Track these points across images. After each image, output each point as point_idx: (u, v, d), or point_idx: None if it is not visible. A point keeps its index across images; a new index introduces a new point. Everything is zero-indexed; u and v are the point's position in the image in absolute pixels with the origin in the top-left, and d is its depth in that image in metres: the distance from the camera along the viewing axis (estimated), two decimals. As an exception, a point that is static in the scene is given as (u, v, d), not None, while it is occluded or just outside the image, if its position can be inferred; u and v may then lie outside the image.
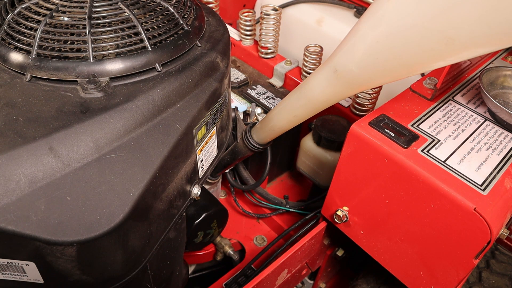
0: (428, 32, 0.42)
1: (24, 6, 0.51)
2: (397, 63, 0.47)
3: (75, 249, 0.41)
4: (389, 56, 0.46)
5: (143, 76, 0.49)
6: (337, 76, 0.53)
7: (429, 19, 0.41)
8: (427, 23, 0.41)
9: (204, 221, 0.71)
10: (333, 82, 0.54)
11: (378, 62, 0.48)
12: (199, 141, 0.55)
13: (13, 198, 0.39)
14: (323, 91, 0.57)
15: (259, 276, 0.67)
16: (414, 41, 0.43)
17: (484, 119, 0.62)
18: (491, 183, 0.51)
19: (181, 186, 0.54)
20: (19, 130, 0.42)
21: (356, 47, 0.49)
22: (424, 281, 0.59)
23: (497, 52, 0.79)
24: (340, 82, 0.54)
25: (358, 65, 0.50)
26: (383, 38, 0.46)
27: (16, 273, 0.44)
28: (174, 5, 0.55)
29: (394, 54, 0.46)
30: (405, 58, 0.46)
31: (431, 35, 0.42)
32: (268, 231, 1.00)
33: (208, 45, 0.57)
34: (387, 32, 0.45)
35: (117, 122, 0.44)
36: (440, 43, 0.41)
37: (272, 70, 0.99)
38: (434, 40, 0.42)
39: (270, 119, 0.68)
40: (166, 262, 0.60)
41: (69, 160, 0.42)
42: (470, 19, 0.38)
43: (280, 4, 1.10)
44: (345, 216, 0.65)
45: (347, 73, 0.52)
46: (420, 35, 0.42)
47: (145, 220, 0.47)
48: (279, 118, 0.67)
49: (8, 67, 0.48)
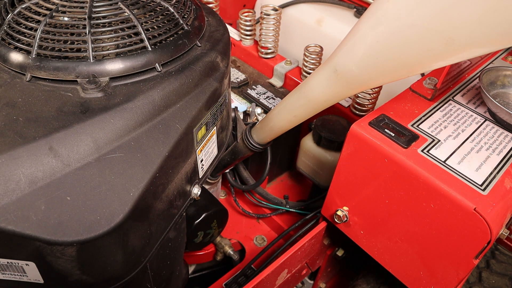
0: (428, 32, 0.42)
1: (24, 6, 0.51)
2: (397, 63, 0.47)
3: (75, 249, 0.41)
4: (389, 56, 0.46)
5: (143, 76, 0.49)
6: (337, 76, 0.53)
7: (429, 19, 0.41)
8: (427, 23, 0.41)
9: (204, 221, 0.71)
10: (333, 82, 0.54)
11: (378, 62, 0.48)
12: (199, 141, 0.55)
13: (13, 198, 0.39)
14: (323, 91, 0.57)
15: (259, 276, 0.67)
16: (414, 41, 0.43)
17: (484, 119, 0.62)
18: (491, 183, 0.52)
19: (181, 186, 0.54)
20: (19, 130, 0.42)
21: (356, 47, 0.49)
22: (424, 281, 0.59)
23: (497, 52, 0.79)
24: (340, 82, 0.54)
25: (358, 65, 0.50)
26: (383, 38, 0.46)
27: (16, 273, 0.44)
28: (174, 5, 0.55)
29: (394, 54, 0.46)
30: (405, 58, 0.46)
31: (431, 35, 0.42)
32: (268, 231, 1.00)
33: (208, 45, 0.57)
34: (387, 32, 0.45)
35: (117, 122, 0.44)
36: (440, 43, 0.42)
37: (272, 70, 0.99)
38: (434, 40, 0.42)
39: (270, 119, 0.68)
40: (166, 262, 0.60)
41: (69, 160, 0.42)
42: (470, 19, 0.38)
43: (280, 4, 1.10)
44: (345, 216, 0.65)
45: (347, 73, 0.52)
46: (420, 35, 0.42)
47: (145, 220, 0.47)
48: (279, 118, 0.67)
49: (8, 67, 0.48)
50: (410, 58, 0.46)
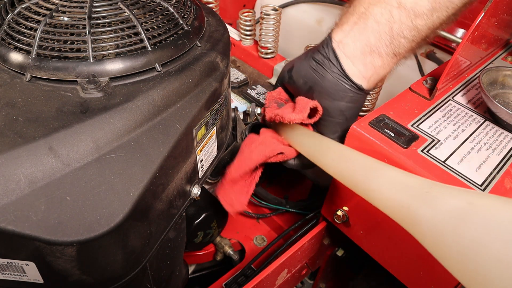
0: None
1: (24, 6, 0.51)
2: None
3: (75, 249, 0.40)
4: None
5: (143, 76, 0.49)
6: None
7: None
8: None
9: (204, 221, 0.71)
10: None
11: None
12: (199, 141, 0.55)
13: (13, 198, 0.39)
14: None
15: (259, 276, 0.67)
16: None
17: (484, 119, 0.62)
18: (491, 183, 0.51)
19: (181, 186, 0.54)
20: (19, 130, 0.42)
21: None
22: (424, 281, 0.59)
23: (497, 52, 0.79)
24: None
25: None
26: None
27: (16, 273, 0.44)
28: (174, 5, 0.55)
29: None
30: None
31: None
32: (268, 231, 1.00)
33: (208, 45, 0.57)
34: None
35: (117, 122, 0.44)
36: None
37: (272, 70, 0.99)
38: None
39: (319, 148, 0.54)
40: (166, 262, 0.60)
41: (69, 160, 0.42)
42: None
43: (280, 4, 1.10)
44: (345, 216, 0.65)
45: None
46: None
47: (145, 220, 0.47)
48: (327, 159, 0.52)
49: (8, 67, 0.48)
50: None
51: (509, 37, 0.80)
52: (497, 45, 0.78)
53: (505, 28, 0.74)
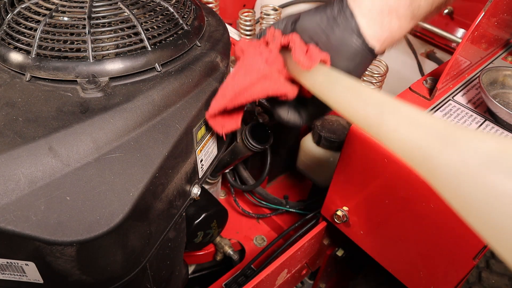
0: None
1: (24, 6, 0.51)
2: None
3: (74, 249, 0.40)
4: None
5: (143, 76, 0.49)
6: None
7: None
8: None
9: (204, 221, 0.71)
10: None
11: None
12: (198, 141, 0.55)
13: (13, 198, 0.39)
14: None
15: (259, 276, 0.67)
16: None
17: (484, 119, 0.62)
18: (491, 183, 0.51)
19: (181, 186, 0.54)
20: (18, 130, 0.42)
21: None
22: (424, 281, 0.59)
23: (497, 52, 0.78)
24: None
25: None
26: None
27: (16, 273, 0.44)
28: (174, 5, 0.55)
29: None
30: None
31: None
32: (268, 231, 1.00)
33: (208, 45, 0.57)
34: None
35: (117, 122, 0.44)
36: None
37: (272, 70, 0.99)
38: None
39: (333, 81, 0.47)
40: (166, 262, 0.60)
41: (68, 160, 0.42)
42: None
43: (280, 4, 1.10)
44: (345, 216, 0.65)
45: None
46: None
47: (145, 220, 0.47)
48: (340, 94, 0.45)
49: (7, 67, 0.48)
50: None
51: (509, 37, 0.80)
52: (497, 45, 0.78)
53: (505, 28, 0.73)
